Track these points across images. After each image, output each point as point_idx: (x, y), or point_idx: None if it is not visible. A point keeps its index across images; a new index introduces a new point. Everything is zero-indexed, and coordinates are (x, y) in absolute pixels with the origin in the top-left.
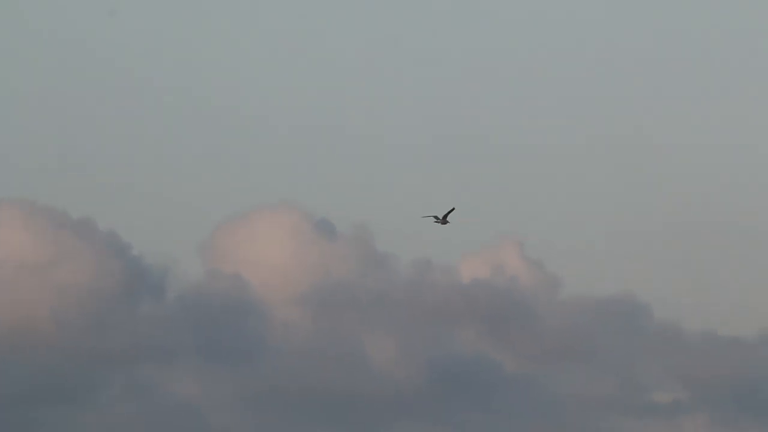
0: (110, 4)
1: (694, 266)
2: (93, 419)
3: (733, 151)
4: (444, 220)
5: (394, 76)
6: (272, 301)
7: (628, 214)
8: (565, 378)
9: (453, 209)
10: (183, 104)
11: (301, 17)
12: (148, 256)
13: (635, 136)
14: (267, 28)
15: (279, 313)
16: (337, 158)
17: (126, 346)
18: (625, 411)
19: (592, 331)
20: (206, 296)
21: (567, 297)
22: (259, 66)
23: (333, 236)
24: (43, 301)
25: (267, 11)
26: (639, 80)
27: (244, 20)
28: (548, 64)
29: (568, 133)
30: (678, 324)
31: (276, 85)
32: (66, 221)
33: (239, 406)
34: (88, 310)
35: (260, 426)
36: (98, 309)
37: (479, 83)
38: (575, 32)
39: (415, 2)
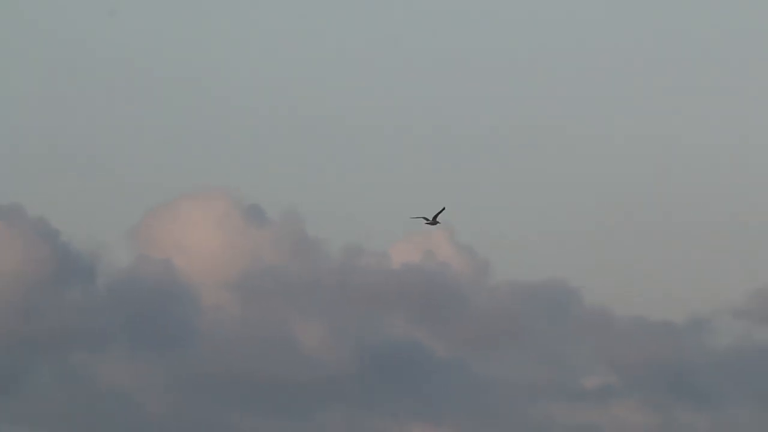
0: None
1: (624, 251)
2: (24, 405)
3: (657, 140)
4: (434, 221)
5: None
6: (203, 286)
7: (559, 201)
8: (495, 363)
9: (443, 209)
10: (114, 94)
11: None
12: (78, 242)
13: (556, 126)
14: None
15: (209, 299)
16: (269, 144)
17: (56, 332)
18: (555, 396)
19: (523, 316)
20: (136, 282)
21: (498, 282)
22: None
23: (263, 222)
24: None
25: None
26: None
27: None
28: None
29: (496, 124)
30: (608, 309)
31: (214, 75)
32: None
33: (170, 391)
34: (18, 297)
35: (192, 410)
36: (28, 295)
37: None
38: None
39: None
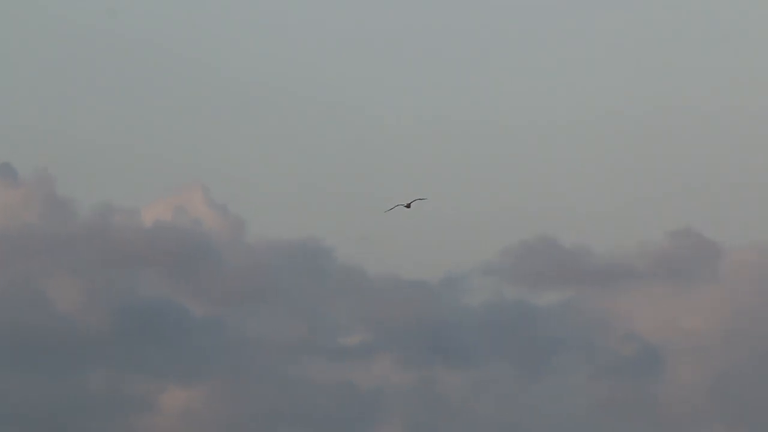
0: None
1: (378, 211)
2: None
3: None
4: (408, 205)
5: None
6: None
7: (313, 158)
8: (252, 322)
9: (425, 199)
10: None
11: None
12: None
13: (318, 89)
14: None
15: None
16: (20, 102)
17: None
18: (313, 354)
19: (277, 274)
20: None
21: (252, 240)
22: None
23: (14, 181)
24: None
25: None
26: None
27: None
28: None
29: (265, 81)
30: (362, 268)
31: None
32: None
33: None
34: None
35: None
36: None
37: None
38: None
39: None
